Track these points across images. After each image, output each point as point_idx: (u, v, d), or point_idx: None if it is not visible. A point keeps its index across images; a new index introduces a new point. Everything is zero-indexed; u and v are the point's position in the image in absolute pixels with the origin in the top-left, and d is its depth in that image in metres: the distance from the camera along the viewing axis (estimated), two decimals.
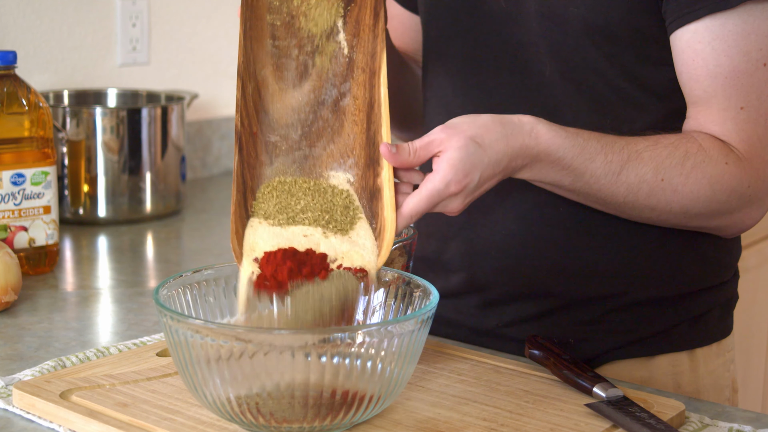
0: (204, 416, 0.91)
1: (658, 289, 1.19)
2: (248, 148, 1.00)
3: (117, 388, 0.97)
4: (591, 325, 1.19)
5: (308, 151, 1.01)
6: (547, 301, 1.20)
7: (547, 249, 1.18)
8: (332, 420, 0.86)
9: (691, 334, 1.21)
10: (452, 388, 0.99)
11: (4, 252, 1.27)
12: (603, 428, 0.91)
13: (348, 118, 1.02)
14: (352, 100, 1.02)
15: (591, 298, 1.19)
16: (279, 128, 1.02)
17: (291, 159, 1.01)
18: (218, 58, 2.26)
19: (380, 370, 0.86)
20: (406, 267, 1.06)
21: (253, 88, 1.02)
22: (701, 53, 1.07)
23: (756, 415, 1.00)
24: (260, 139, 1.01)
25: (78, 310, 1.31)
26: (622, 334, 1.19)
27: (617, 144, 1.05)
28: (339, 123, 1.02)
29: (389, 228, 0.95)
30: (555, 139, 1.02)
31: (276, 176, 0.99)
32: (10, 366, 1.09)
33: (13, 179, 1.40)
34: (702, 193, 1.07)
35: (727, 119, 1.08)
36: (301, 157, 1.01)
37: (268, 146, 1.01)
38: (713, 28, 1.06)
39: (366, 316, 0.99)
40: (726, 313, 1.26)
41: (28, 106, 1.41)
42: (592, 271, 1.18)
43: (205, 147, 2.23)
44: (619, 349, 1.19)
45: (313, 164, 1.01)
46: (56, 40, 1.96)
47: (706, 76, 1.08)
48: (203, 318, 0.96)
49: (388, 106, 1.00)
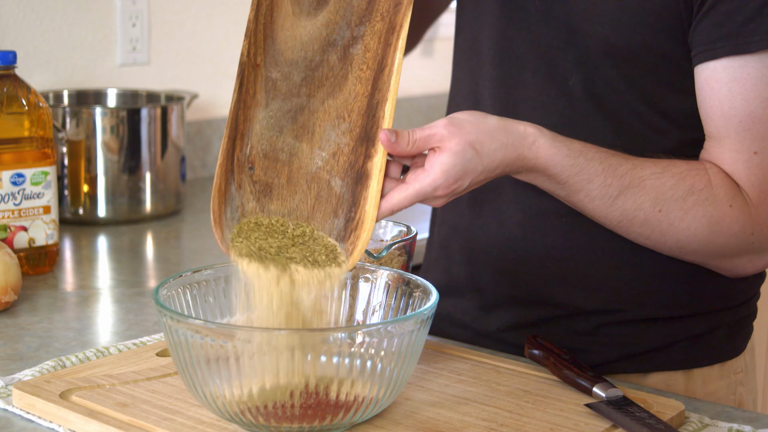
0: (204, 416, 0.91)
1: (659, 309, 1.16)
2: (248, 84, 0.95)
3: (117, 388, 0.97)
4: (586, 336, 1.17)
5: (305, 102, 0.96)
6: (545, 309, 1.18)
7: (547, 257, 1.17)
8: (332, 420, 0.86)
9: (690, 353, 1.18)
10: (452, 388, 0.99)
11: (4, 252, 1.27)
12: (603, 428, 0.91)
13: (354, 72, 0.95)
14: (363, 49, 0.96)
15: (589, 310, 1.17)
16: (283, 63, 0.97)
17: (287, 106, 0.96)
18: (218, 58, 2.26)
19: (380, 370, 0.86)
20: (405, 267, 1.06)
21: (267, 7, 0.97)
22: (717, 93, 1.06)
23: (756, 415, 1.00)
24: (261, 74, 0.96)
25: (78, 310, 1.31)
26: (616, 348, 1.17)
27: (621, 168, 1.03)
28: (343, 74, 0.96)
29: (368, 225, 0.91)
30: (555, 156, 1.00)
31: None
32: (10, 366, 1.09)
33: (13, 179, 1.40)
34: (699, 232, 1.06)
35: (739, 161, 1.06)
36: (297, 107, 0.96)
37: (267, 83, 0.96)
38: (732, 69, 1.05)
39: (366, 316, 0.99)
40: (735, 333, 1.21)
41: (28, 106, 1.41)
42: (593, 284, 1.16)
43: (205, 147, 2.23)
44: (613, 362, 1.17)
45: (307, 118, 0.95)
46: (56, 40, 1.96)
47: (721, 116, 1.06)
48: (203, 318, 0.96)
49: (399, 77, 0.94)
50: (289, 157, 0.97)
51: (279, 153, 0.97)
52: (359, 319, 0.99)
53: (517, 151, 0.98)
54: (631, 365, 1.18)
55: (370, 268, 0.99)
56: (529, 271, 1.18)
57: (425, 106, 2.85)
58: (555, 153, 1.00)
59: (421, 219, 1.79)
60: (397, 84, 0.94)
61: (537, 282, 1.18)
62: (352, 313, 1.00)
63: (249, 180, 0.97)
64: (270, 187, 0.97)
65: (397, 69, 0.94)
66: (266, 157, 0.97)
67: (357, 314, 0.99)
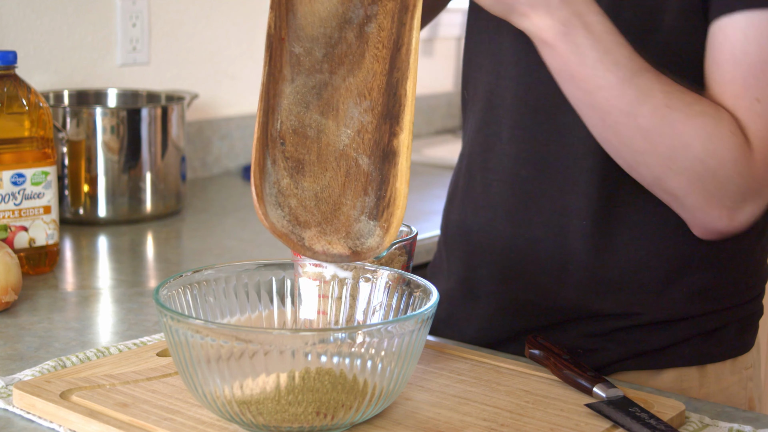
0: (204, 416, 0.91)
1: (673, 310, 1.15)
2: (276, 57, 0.95)
3: (117, 388, 0.97)
4: (599, 337, 1.16)
5: (328, 78, 0.97)
6: (561, 313, 1.17)
7: (561, 259, 1.16)
8: (332, 420, 0.86)
9: (703, 349, 1.17)
10: (452, 388, 0.99)
11: (4, 252, 1.27)
12: (603, 428, 0.91)
13: (370, 50, 0.97)
14: (377, 28, 0.97)
15: (601, 314, 1.16)
16: (304, 39, 0.97)
17: (312, 82, 0.97)
18: (218, 58, 2.26)
19: (380, 370, 0.86)
20: (406, 267, 1.06)
21: None
22: (731, 38, 1.03)
23: (756, 415, 1.00)
24: (286, 48, 0.96)
25: (78, 310, 1.31)
26: (629, 345, 1.16)
27: (645, 62, 1.02)
28: (360, 53, 0.97)
29: (401, 203, 0.91)
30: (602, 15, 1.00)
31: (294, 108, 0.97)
32: (10, 366, 1.09)
33: (13, 179, 1.40)
34: (694, 145, 1.02)
35: (739, 108, 1.03)
36: (321, 83, 0.97)
37: (292, 58, 0.97)
38: (750, 18, 1.02)
39: (366, 316, 0.99)
40: (745, 328, 1.21)
41: (28, 106, 1.41)
42: (606, 287, 1.15)
43: (205, 147, 2.23)
44: (626, 360, 1.16)
45: (331, 95, 0.96)
46: (56, 40, 1.96)
47: (730, 60, 1.03)
48: (203, 318, 0.96)
49: (417, 55, 0.94)
50: (317, 133, 0.98)
51: (307, 129, 0.98)
52: (359, 319, 0.99)
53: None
54: (644, 363, 1.17)
55: (370, 268, 0.99)
56: (543, 273, 1.17)
57: (425, 106, 2.86)
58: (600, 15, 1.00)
59: (421, 219, 1.80)
60: (416, 62, 0.95)
61: (555, 286, 1.17)
62: (352, 313, 1.00)
63: (282, 156, 0.97)
64: (302, 164, 0.97)
65: (414, 47, 0.95)
66: (296, 132, 0.98)
67: (357, 314, 0.99)
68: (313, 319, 1.00)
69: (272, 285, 1.00)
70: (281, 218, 0.95)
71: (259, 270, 1.00)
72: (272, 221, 0.95)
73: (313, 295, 1.00)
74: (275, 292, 1.01)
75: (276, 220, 0.95)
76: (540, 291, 1.18)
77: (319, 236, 0.95)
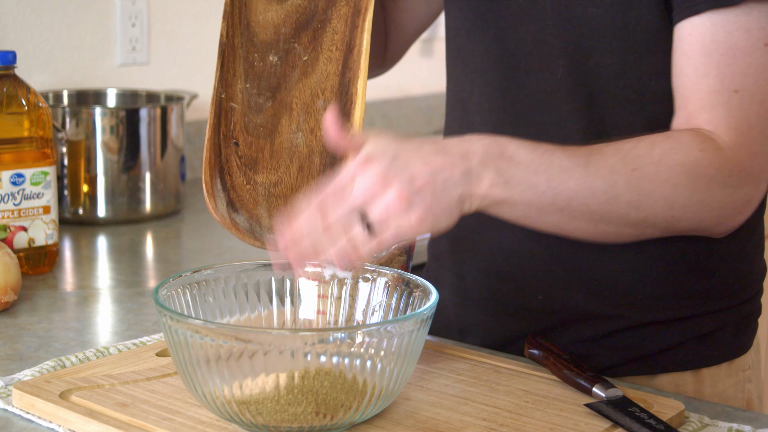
0: (204, 416, 0.91)
1: (665, 311, 1.14)
2: (228, 63, 1.00)
3: (117, 388, 0.97)
4: (593, 342, 1.15)
5: (282, 81, 1.00)
6: (551, 316, 1.16)
7: (552, 261, 1.15)
8: (332, 420, 0.86)
9: (697, 353, 1.16)
10: (452, 388, 0.99)
11: (4, 252, 1.27)
12: (603, 428, 0.91)
13: (324, 53, 1.00)
14: (331, 32, 1.00)
15: (594, 316, 1.15)
16: (258, 45, 1.01)
17: (265, 84, 1.00)
18: None
19: (380, 370, 0.86)
20: (405, 267, 1.06)
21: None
22: (699, 27, 1.00)
23: (756, 415, 1.00)
24: (240, 54, 1.00)
25: (78, 310, 1.31)
26: (624, 351, 1.15)
27: (579, 149, 0.99)
28: (315, 55, 1.00)
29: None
30: (521, 147, 0.95)
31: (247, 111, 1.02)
32: (9, 366, 1.09)
33: (13, 179, 1.40)
34: (679, 182, 0.99)
35: (718, 104, 1.00)
36: (275, 85, 1.00)
37: (245, 63, 1.01)
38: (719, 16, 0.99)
39: (366, 316, 0.99)
40: (742, 330, 1.19)
41: (27, 106, 1.41)
42: (598, 289, 1.14)
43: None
44: (620, 366, 1.15)
45: (284, 96, 1.00)
46: (56, 40, 1.96)
47: (701, 52, 1.00)
48: (203, 318, 0.96)
49: (368, 55, 0.98)
50: (270, 133, 1.01)
51: (260, 129, 1.01)
52: (359, 319, 0.99)
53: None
54: (639, 368, 1.16)
55: (370, 268, 0.99)
56: (535, 277, 1.16)
57: (425, 106, 2.86)
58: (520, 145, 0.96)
59: None
60: (366, 62, 0.98)
61: (543, 288, 1.16)
62: (351, 313, 1.00)
63: (235, 155, 1.01)
64: (255, 161, 1.01)
65: (366, 48, 0.98)
66: (249, 133, 1.02)
67: (357, 314, 1.00)
68: (313, 319, 1.00)
69: (272, 285, 1.00)
70: (232, 212, 1.00)
71: (259, 270, 1.00)
72: (221, 214, 1.00)
73: (312, 295, 1.00)
74: (275, 292, 1.01)
75: (226, 213, 0.99)
76: (530, 294, 1.17)
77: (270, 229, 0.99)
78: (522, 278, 1.17)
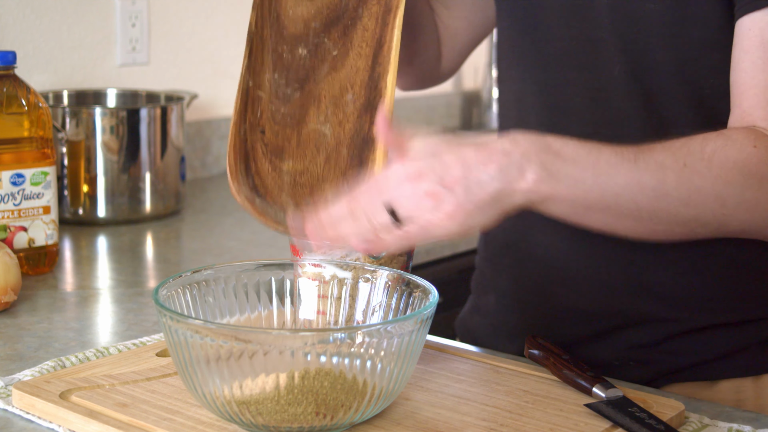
0: (204, 416, 0.91)
1: (725, 314, 1.11)
2: (256, 52, 1.00)
3: (117, 389, 0.97)
4: (650, 347, 1.12)
5: (310, 73, 1.01)
6: (602, 321, 1.14)
7: (608, 264, 1.12)
8: (332, 420, 0.86)
9: (758, 359, 1.12)
10: (452, 388, 0.99)
11: (4, 252, 1.27)
12: (602, 428, 0.91)
13: (354, 49, 1.01)
14: (362, 29, 1.02)
15: (651, 319, 1.12)
16: (288, 37, 1.02)
17: (293, 76, 1.01)
18: (218, 58, 2.26)
19: (380, 370, 0.86)
20: (405, 267, 1.06)
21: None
22: (759, 22, 0.98)
23: (756, 415, 1.00)
24: (268, 46, 1.01)
25: (78, 310, 1.31)
26: (682, 356, 1.12)
27: (627, 149, 0.95)
28: (344, 51, 1.01)
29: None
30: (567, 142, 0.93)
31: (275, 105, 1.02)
32: (9, 366, 1.09)
33: (13, 179, 1.40)
34: (732, 178, 0.94)
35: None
36: (303, 76, 1.01)
37: (274, 54, 1.01)
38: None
39: (366, 317, 0.99)
40: None
41: (27, 106, 1.41)
42: (653, 291, 1.11)
43: (204, 147, 2.23)
44: (679, 372, 1.12)
45: (312, 87, 1.01)
46: (56, 40, 1.96)
47: (759, 47, 0.97)
48: (203, 318, 0.96)
49: (398, 51, 0.99)
50: (298, 123, 1.01)
51: (287, 118, 1.02)
52: (359, 319, 0.99)
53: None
54: (698, 374, 1.13)
55: (369, 268, 0.99)
56: (590, 279, 1.14)
57: (425, 106, 2.86)
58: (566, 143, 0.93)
59: None
60: (396, 58, 0.99)
61: (601, 292, 1.14)
62: (351, 313, 1.00)
63: (261, 142, 1.01)
64: (281, 149, 1.01)
65: (396, 45, 0.99)
66: (276, 122, 1.03)
67: (357, 314, 1.00)
68: (313, 319, 1.00)
69: (272, 285, 1.00)
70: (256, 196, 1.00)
71: (259, 270, 1.00)
72: (244, 196, 1.00)
73: (312, 296, 1.00)
74: (275, 292, 1.01)
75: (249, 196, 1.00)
76: (588, 298, 1.14)
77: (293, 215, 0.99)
78: (577, 281, 1.15)
